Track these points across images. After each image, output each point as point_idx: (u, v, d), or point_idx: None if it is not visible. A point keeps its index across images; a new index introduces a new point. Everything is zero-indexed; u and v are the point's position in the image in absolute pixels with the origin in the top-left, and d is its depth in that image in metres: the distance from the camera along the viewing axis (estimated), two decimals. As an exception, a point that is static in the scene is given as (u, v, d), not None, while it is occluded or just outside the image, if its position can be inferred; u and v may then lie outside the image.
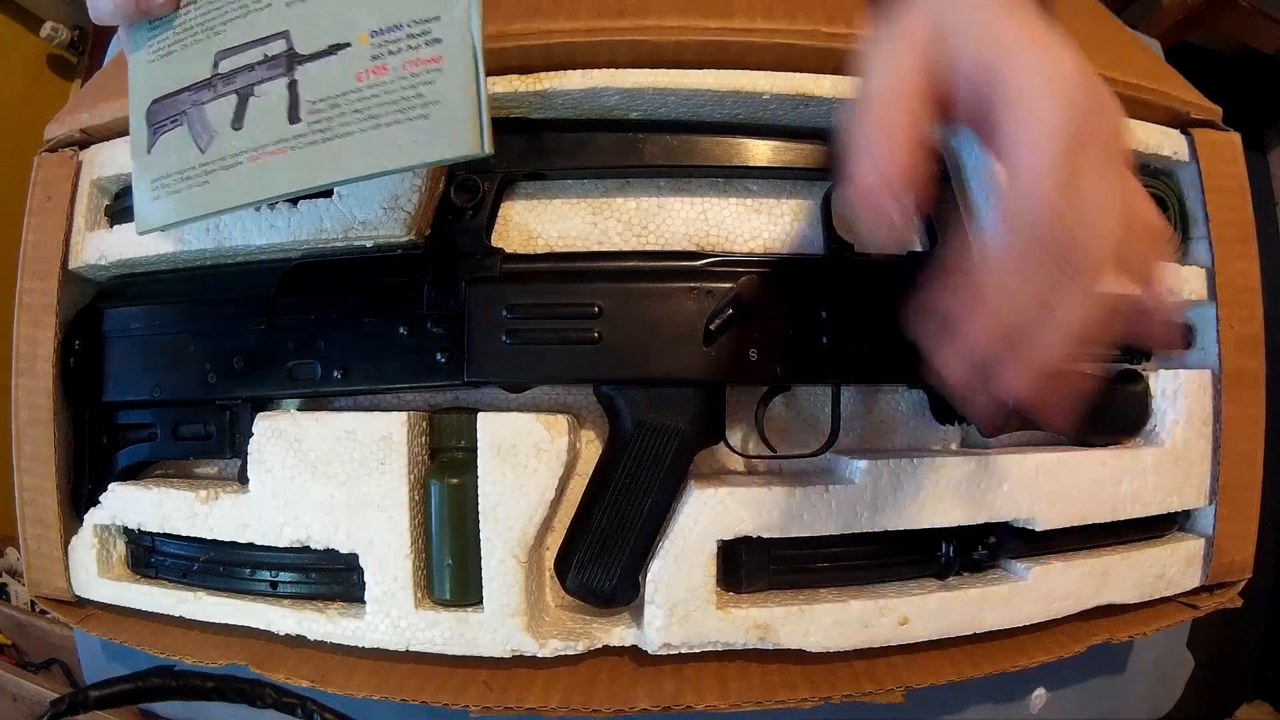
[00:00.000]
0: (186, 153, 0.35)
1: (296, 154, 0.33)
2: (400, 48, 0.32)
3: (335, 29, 0.33)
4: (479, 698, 0.42)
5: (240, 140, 0.34)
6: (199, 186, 0.35)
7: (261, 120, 0.34)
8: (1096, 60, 0.48)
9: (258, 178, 0.34)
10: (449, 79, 0.31)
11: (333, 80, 0.33)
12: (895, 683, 0.43)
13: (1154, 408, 0.49)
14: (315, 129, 0.33)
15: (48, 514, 0.47)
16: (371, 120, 0.32)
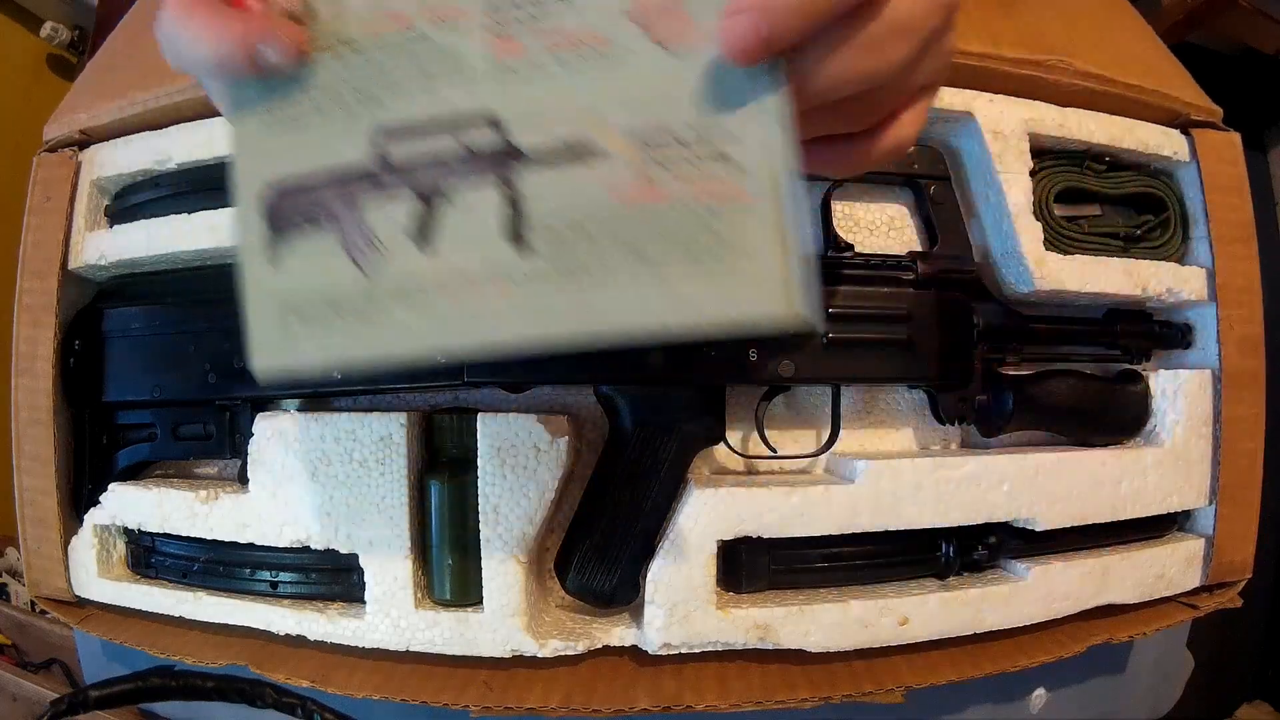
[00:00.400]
0: (336, 270, 0.25)
1: (525, 293, 0.24)
2: (677, 162, 0.24)
3: (577, 125, 0.24)
4: (479, 698, 0.42)
5: (430, 264, 0.25)
6: (360, 323, 0.25)
7: (465, 240, 0.25)
8: (1099, 58, 0.48)
9: (461, 321, 0.24)
10: (753, 219, 0.23)
11: (580, 198, 0.24)
12: (895, 683, 0.43)
13: (1154, 408, 0.49)
14: (555, 263, 0.24)
15: (48, 514, 0.47)
16: (644, 260, 0.24)
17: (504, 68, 0.25)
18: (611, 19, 0.24)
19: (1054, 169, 0.49)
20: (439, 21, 0.25)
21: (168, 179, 0.48)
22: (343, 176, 0.25)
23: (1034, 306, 0.48)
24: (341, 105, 0.26)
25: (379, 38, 0.25)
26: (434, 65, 0.25)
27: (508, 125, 0.25)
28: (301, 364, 0.25)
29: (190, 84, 0.46)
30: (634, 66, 0.24)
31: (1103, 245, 0.49)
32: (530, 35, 0.25)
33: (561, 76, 0.24)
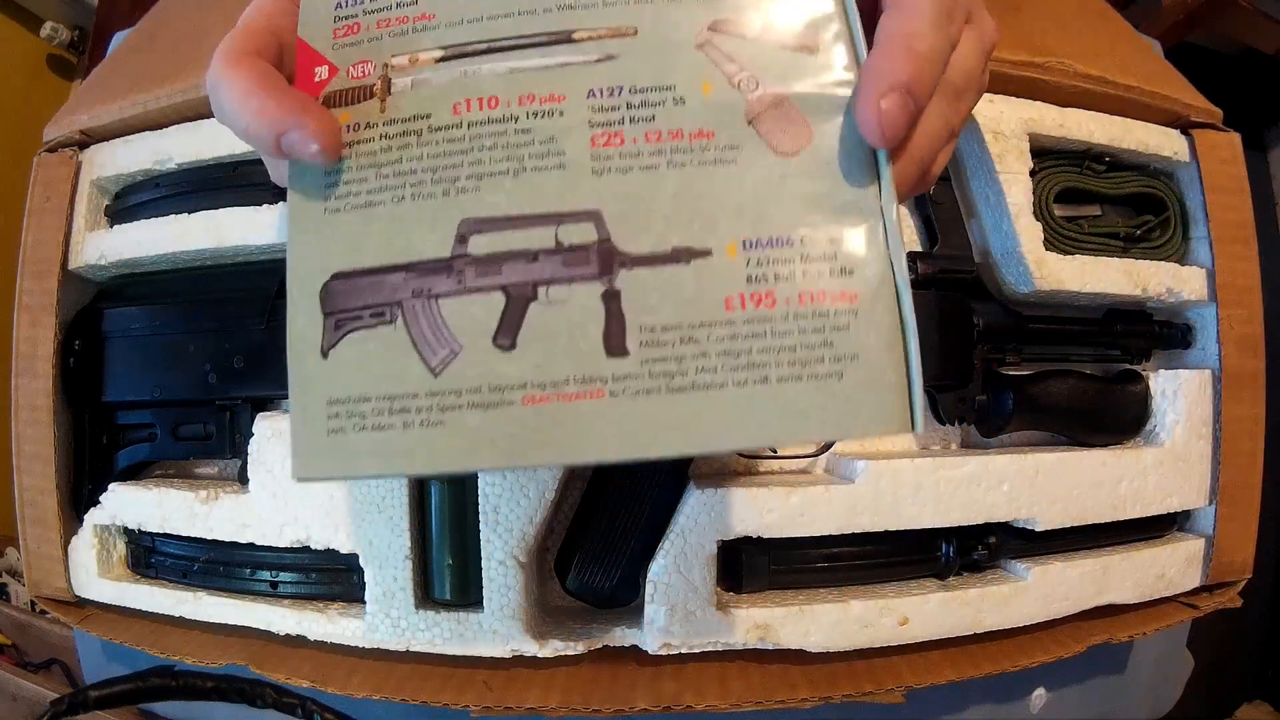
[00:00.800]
0: (402, 370, 0.22)
1: (618, 404, 0.22)
2: (793, 272, 0.22)
3: (682, 226, 0.23)
4: (479, 698, 0.42)
5: (512, 367, 0.22)
6: (427, 428, 0.22)
7: (554, 343, 0.22)
8: (1099, 62, 0.48)
9: (544, 430, 0.22)
10: (869, 325, 0.22)
11: (683, 302, 0.22)
12: (895, 683, 0.43)
13: (1154, 408, 0.49)
14: (654, 370, 0.22)
15: (48, 514, 0.47)
16: (753, 370, 0.22)
17: (605, 160, 0.23)
18: (724, 119, 0.23)
19: (1054, 169, 0.49)
20: (536, 108, 0.23)
21: (168, 179, 0.48)
22: (417, 267, 0.23)
23: (1034, 306, 0.48)
24: (419, 190, 0.23)
25: (467, 120, 0.24)
26: (528, 154, 0.23)
27: (607, 222, 0.23)
28: (352, 470, 0.23)
29: (190, 84, 0.46)
30: (744, 167, 0.23)
31: (1103, 245, 0.49)
32: (636, 128, 0.23)
33: (668, 174, 0.23)
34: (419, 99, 0.24)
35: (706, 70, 0.24)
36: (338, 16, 0.25)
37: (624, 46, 0.24)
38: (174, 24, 0.55)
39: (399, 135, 0.24)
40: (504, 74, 0.24)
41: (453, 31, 0.24)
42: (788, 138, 0.23)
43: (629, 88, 0.23)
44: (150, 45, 0.54)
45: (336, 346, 0.23)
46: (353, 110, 0.24)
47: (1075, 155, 0.49)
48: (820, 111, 0.23)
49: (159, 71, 0.48)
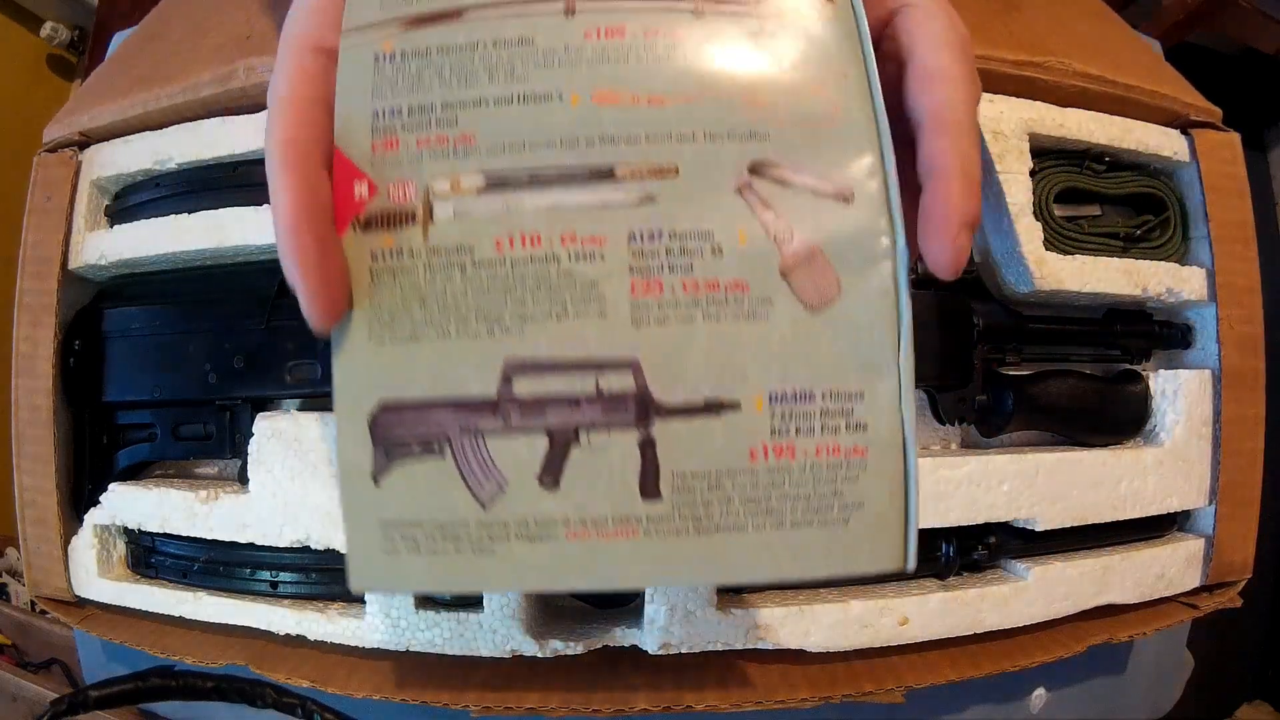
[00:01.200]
0: (452, 500, 0.24)
1: (651, 542, 0.24)
2: (812, 426, 0.24)
3: (715, 378, 0.24)
4: (479, 698, 0.42)
5: (555, 505, 0.24)
6: (477, 554, 0.24)
7: (594, 485, 0.24)
8: (1098, 62, 0.48)
9: (585, 561, 0.24)
10: (876, 477, 0.24)
11: (712, 451, 0.24)
12: (895, 683, 0.43)
13: (1154, 408, 0.49)
14: (683, 513, 0.24)
15: (48, 514, 0.47)
16: (770, 516, 0.24)
17: (644, 309, 0.24)
18: (759, 271, 0.24)
19: (1054, 169, 0.49)
20: (578, 249, 0.24)
21: (168, 179, 0.48)
22: (465, 404, 0.24)
23: (1034, 306, 0.48)
24: (465, 328, 0.24)
25: (510, 257, 0.24)
26: (570, 298, 0.24)
27: (645, 372, 0.24)
28: (405, 586, 0.26)
29: (190, 84, 0.46)
30: (775, 322, 0.24)
31: (1103, 245, 0.49)
32: (674, 277, 0.24)
33: (703, 326, 0.24)
34: (462, 229, 0.24)
35: (744, 217, 0.24)
36: (375, 127, 0.25)
37: (665, 187, 0.24)
38: (174, 24, 0.55)
39: (443, 268, 0.24)
40: (546, 209, 0.24)
41: (494, 158, 0.24)
42: (817, 292, 0.24)
43: (669, 232, 0.24)
44: (151, 45, 0.54)
45: (388, 474, 0.24)
46: (395, 235, 0.24)
47: (1075, 155, 0.49)
48: (850, 266, 0.24)
49: (160, 71, 0.48)
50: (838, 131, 0.25)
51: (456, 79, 0.25)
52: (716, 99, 0.25)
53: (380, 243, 0.24)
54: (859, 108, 0.25)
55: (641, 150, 0.24)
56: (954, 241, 0.24)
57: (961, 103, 0.25)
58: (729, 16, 0.25)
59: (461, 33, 0.25)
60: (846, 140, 0.24)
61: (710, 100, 0.25)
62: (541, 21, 0.25)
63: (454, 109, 0.24)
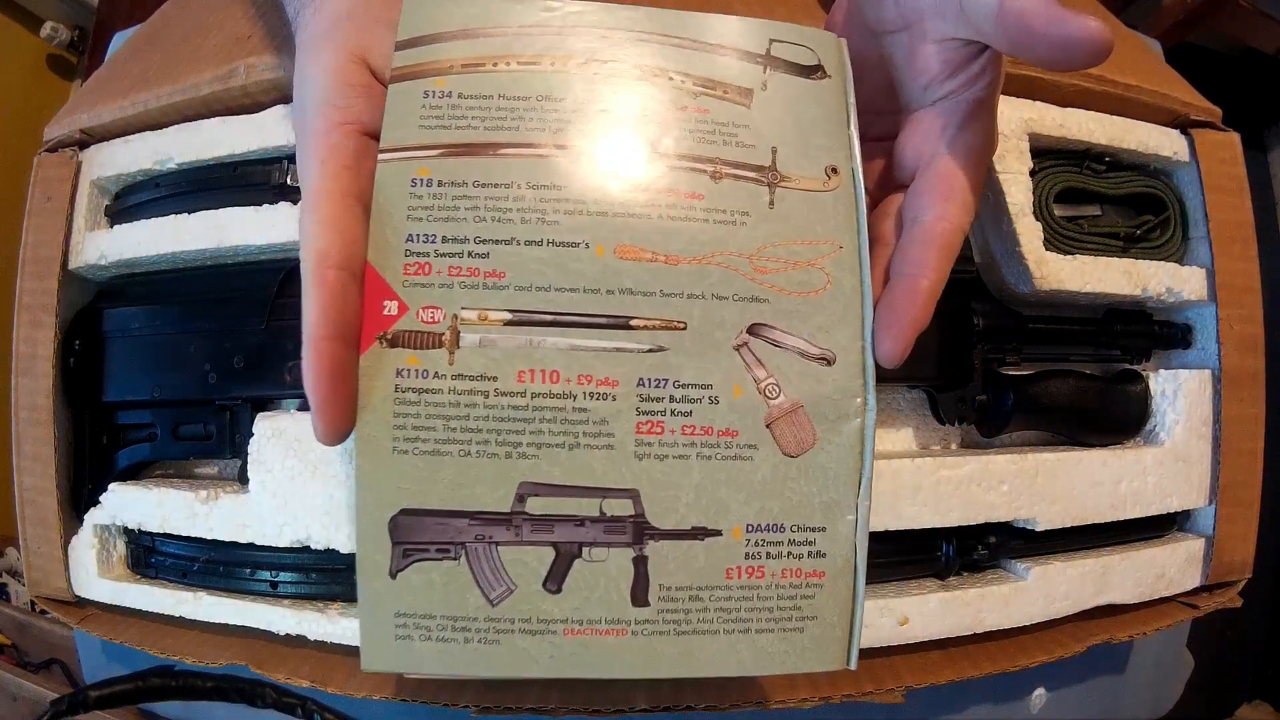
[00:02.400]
0: (463, 597, 0.26)
1: (638, 641, 0.27)
2: (780, 553, 0.28)
3: (702, 509, 0.27)
4: (479, 698, 0.42)
5: (557, 607, 0.27)
6: (484, 644, 0.27)
7: (592, 591, 0.27)
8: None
9: (578, 656, 0.27)
10: (829, 596, 0.28)
11: (694, 569, 0.27)
12: (895, 683, 0.43)
13: (1154, 408, 0.49)
14: (666, 618, 0.27)
15: (48, 514, 0.47)
16: (739, 623, 0.28)
17: (646, 446, 0.27)
18: (747, 421, 0.27)
19: (1054, 169, 0.49)
20: (592, 389, 0.27)
21: (168, 179, 0.48)
22: (480, 517, 0.26)
23: (1034, 306, 0.48)
24: (484, 449, 0.26)
25: (530, 390, 0.26)
26: (583, 431, 0.26)
27: (643, 500, 0.27)
28: (417, 669, 0.27)
29: (191, 83, 0.46)
30: (757, 465, 0.27)
31: (1103, 245, 0.49)
32: (675, 420, 0.27)
33: (695, 464, 0.27)
34: (486, 359, 0.26)
35: (739, 373, 0.27)
36: (409, 250, 0.26)
37: (673, 339, 0.27)
38: (176, 25, 0.55)
39: (466, 392, 0.26)
40: (566, 350, 0.26)
41: (521, 296, 0.26)
42: (796, 442, 0.28)
43: (674, 381, 0.27)
44: (152, 46, 0.54)
45: (404, 571, 0.26)
46: (420, 356, 0.26)
47: (1075, 155, 0.49)
48: (826, 421, 0.28)
49: (160, 70, 0.48)
50: (827, 301, 0.28)
51: (490, 215, 0.27)
52: (725, 263, 0.28)
53: (405, 360, 0.26)
54: (848, 280, 0.28)
55: (655, 304, 0.27)
56: (904, 342, 0.27)
57: (959, 227, 0.28)
58: (743, 183, 0.28)
59: (497, 169, 0.27)
60: (834, 310, 0.28)
61: (719, 264, 0.28)
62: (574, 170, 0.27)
63: (487, 244, 0.26)
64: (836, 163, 0.29)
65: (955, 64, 0.29)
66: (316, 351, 0.24)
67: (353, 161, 0.26)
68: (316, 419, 0.24)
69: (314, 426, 0.24)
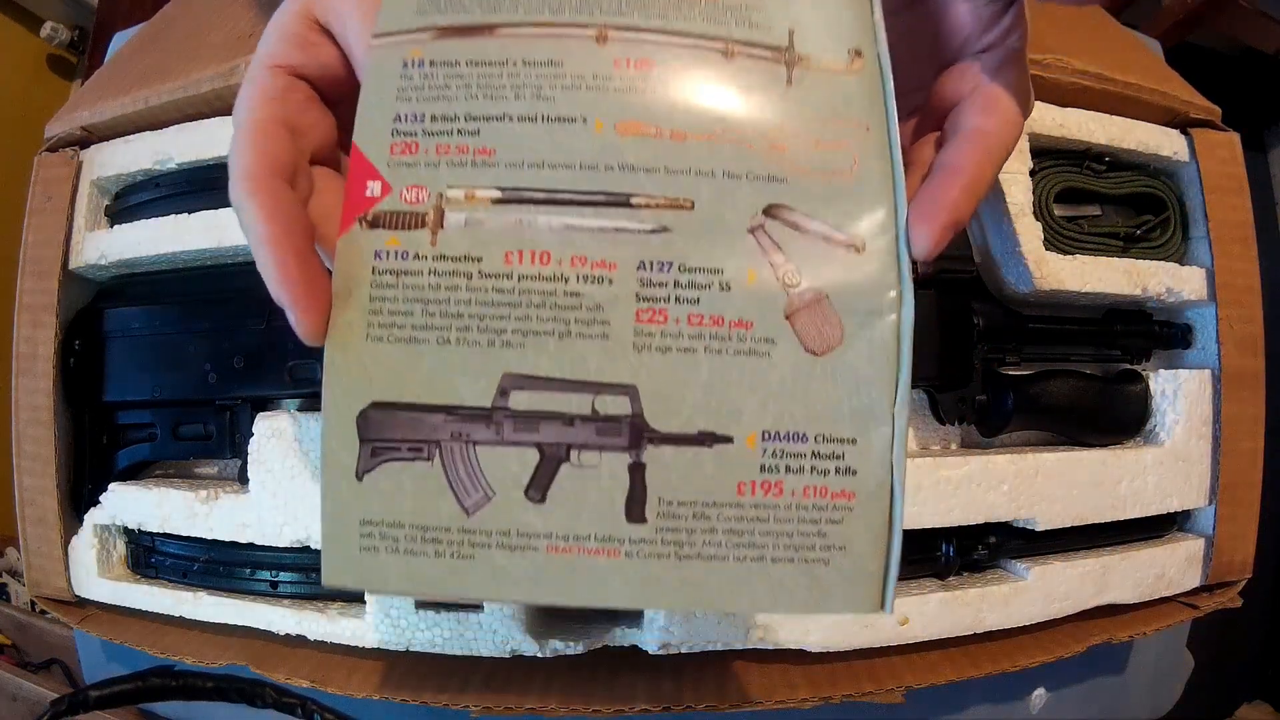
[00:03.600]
0: (435, 504, 0.24)
1: (632, 564, 0.24)
2: (802, 467, 0.24)
3: (711, 411, 0.24)
4: (479, 698, 0.42)
5: (539, 519, 0.24)
6: (456, 559, 0.24)
7: (580, 503, 0.24)
8: (1098, 61, 0.48)
9: (563, 577, 0.24)
10: (860, 523, 0.24)
11: (701, 482, 0.24)
12: (895, 683, 0.43)
13: (1154, 408, 0.49)
14: (666, 539, 0.24)
15: (48, 514, 0.47)
16: (752, 549, 0.24)
17: (647, 337, 0.24)
18: (764, 311, 0.24)
19: (1054, 169, 0.49)
20: (587, 272, 0.24)
21: (168, 179, 0.48)
22: (458, 412, 0.24)
23: (1034, 306, 0.48)
24: (465, 336, 0.24)
25: (518, 272, 0.24)
26: (574, 318, 0.24)
27: (642, 398, 0.24)
28: (378, 586, 0.24)
29: (192, 81, 0.46)
30: (775, 362, 0.24)
31: (1103, 245, 0.49)
32: (680, 308, 0.24)
33: (703, 359, 0.24)
34: (472, 239, 0.24)
35: (754, 257, 0.24)
36: (396, 130, 0.25)
37: (679, 220, 0.24)
38: (177, 24, 0.55)
39: (449, 274, 0.24)
40: (559, 230, 0.24)
41: (512, 173, 0.24)
42: (820, 337, 0.24)
43: (679, 265, 0.24)
44: (153, 44, 0.54)
45: (372, 472, 0.24)
46: (402, 236, 0.24)
47: (1075, 155, 0.49)
48: (854, 316, 0.24)
49: (161, 69, 0.48)
50: (854, 185, 0.25)
51: (482, 92, 0.25)
52: (738, 140, 0.25)
53: (385, 242, 0.24)
54: (877, 163, 0.25)
55: (660, 182, 0.24)
56: (939, 231, 0.24)
57: (1006, 142, 0.26)
58: (758, 61, 0.26)
59: (492, 48, 0.25)
60: (862, 194, 0.25)
61: (732, 141, 0.25)
62: (573, 46, 0.25)
63: (477, 121, 0.25)
64: (860, 46, 0.26)
65: (987, 20, 0.28)
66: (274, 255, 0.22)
67: (278, 94, 0.25)
68: (303, 319, 0.23)
69: (301, 328, 0.23)
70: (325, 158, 0.27)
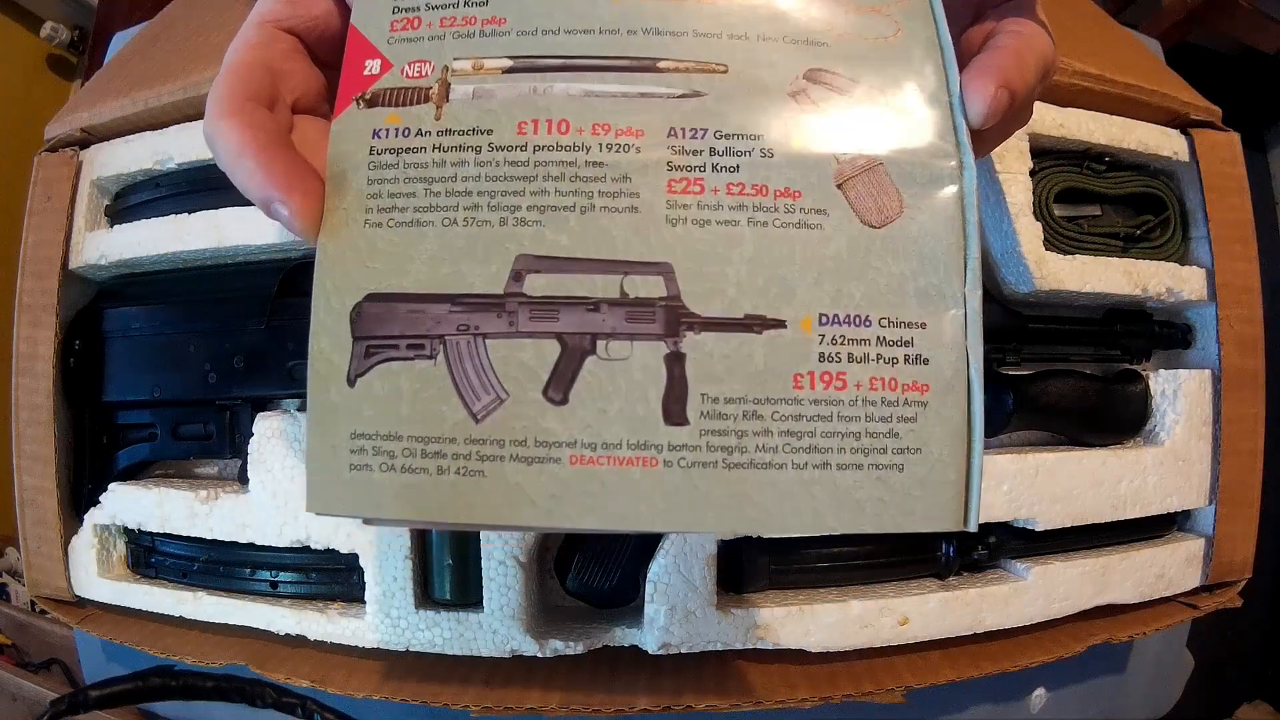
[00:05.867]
0: (439, 411, 0.21)
1: (672, 474, 0.20)
2: (867, 355, 0.21)
3: (758, 291, 0.21)
4: (479, 698, 0.42)
5: (561, 424, 0.21)
6: (463, 475, 0.20)
7: (610, 402, 0.21)
8: (1098, 61, 0.48)
9: (590, 493, 0.20)
10: (937, 419, 0.21)
11: (750, 373, 0.21)
12: (895, 683, 0.43)
13: (1154, 407, 0.49)
14: (712, 443, 0.21)
15: (48, 514, 0.47)
16: (814, 453, 0.21)
17: (682, 209, 0.21)
18: (812, 180, 0.22)
19: (1054, 169, 0.49)
20: (611, 140, 0.21)
21: (168, 179, 0.48)
22: (465, 301, 0.21)
23: (1034, 306, 0.48)
24: (474, 215, 0.21)
25: (533, 143, 0.21)
26: (598, 190, 0.21)
27: (678, 278, 0.21)
28: (375, 511, 0.21)
29: (192, 82, 0.46)
30: (828, 235, 0.21)
31: (1103, 245, 0.49)
32: (718, 177, 0.21)
33: (747, 232, 0.21)
34: (480, 111, 0.22)
35: (797, 122, 0.22)
36: (397, 7, 0.23)
37: (712, 84, 0.22)
38: (177, 26, 0.55)
39: (455, 149, 0.21)
40: (578, 97, 0.22)
41: (525, 41, 0.22)
42: (877, 208, 0.22)
43: (714, 131, 0.22)
44: (152, 47, 0.54)
45: (366, 375, 0.21)
46: (403, 113, 0.22)
47: (1075, 155, 0.49)
48: (914, 183, 0.22)
49: (161, 69, 0.48)
50: (900, 49, 0.23)
51: None
52: (772, 1, 0.22)
53: (384, 119, 0.22)
54: (923, 31, 0.23)
55: (689, 45, 0.22)
56: (994, 93, 0.22)
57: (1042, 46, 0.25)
58: None
59: None
60: (909, 58, 0.22)
61: (765, 1, 0.22)
62: None
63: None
64: None
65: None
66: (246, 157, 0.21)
67: (261, 42, 0.24)
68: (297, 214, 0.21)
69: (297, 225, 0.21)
70: (311, 108, 0.26)
